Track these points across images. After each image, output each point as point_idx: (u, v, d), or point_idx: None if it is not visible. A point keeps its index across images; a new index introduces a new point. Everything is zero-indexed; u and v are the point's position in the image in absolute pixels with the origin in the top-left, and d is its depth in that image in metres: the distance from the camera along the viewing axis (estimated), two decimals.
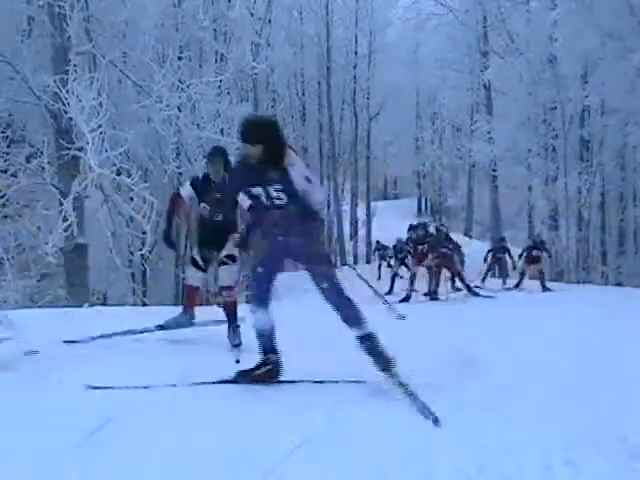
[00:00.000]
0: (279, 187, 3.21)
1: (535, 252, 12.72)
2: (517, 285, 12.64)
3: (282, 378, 3.40)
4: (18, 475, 2.16)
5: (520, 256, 13.50)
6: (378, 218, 29.05)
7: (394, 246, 15.08)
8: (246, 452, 2.44)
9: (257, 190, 3.27)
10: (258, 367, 3.37)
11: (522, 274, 12.82)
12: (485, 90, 23.13)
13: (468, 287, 10.75)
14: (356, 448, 2.50)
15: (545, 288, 12.18)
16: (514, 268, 13.82)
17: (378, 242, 20.32)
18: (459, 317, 7.90)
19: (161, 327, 4.74)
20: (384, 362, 3.20)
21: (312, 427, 2.74)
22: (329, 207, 27.21)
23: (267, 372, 3.36)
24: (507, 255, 14.21)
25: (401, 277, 13.28)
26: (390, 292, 12.20)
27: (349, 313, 3.23)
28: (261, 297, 3.38)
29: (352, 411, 2.97)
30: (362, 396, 3.22)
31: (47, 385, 3.24)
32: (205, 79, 12.64)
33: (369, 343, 3.21)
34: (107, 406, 2.83)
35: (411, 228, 13.00)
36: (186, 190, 4.51)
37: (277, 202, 3.26)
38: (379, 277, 17.10)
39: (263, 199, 3.28)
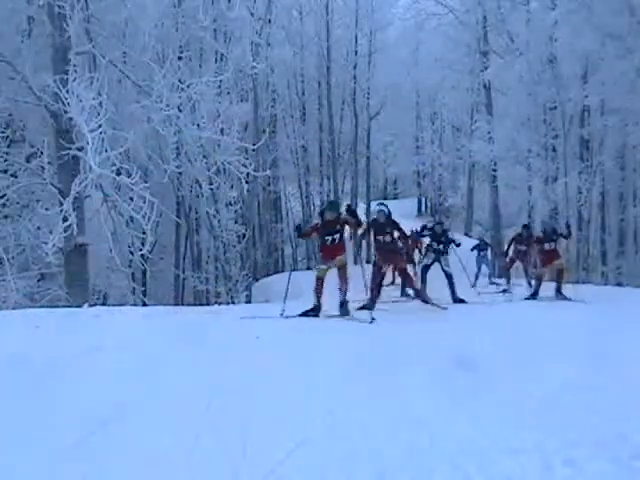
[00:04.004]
0: None
1: (547, 245, 9.92)
2: (534, 294, 9.82)
3: None
4: None
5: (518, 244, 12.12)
6: None
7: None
8: (246, 452, 2.44)
9: None
10: None
11: (539, 278, 10.12)
12: (485, 90, 23.07)
13: (417, 291, 8.73)
14: (356, 448, 2.50)
15: (560, 294, 9.50)
16: (535, 267, 11.37)
17: None
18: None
19: None
20: None
21: (312, 427, 2.74)
22: None
23: None
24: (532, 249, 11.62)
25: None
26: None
27: None
28: None
29: (352, 411, 2.97)
30: (362, 396, 3.22)
31: None
32: (205, 79, 12.57)
33: None
34: None
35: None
36: None
37: None
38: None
39: None
